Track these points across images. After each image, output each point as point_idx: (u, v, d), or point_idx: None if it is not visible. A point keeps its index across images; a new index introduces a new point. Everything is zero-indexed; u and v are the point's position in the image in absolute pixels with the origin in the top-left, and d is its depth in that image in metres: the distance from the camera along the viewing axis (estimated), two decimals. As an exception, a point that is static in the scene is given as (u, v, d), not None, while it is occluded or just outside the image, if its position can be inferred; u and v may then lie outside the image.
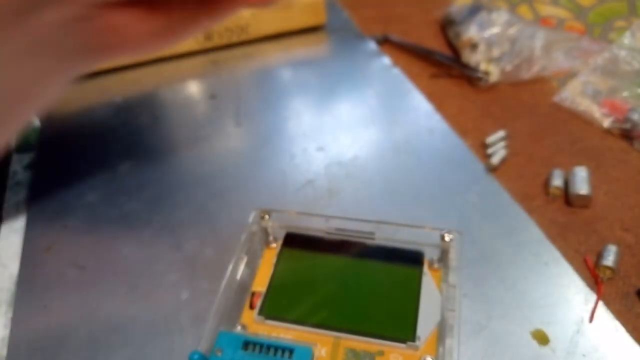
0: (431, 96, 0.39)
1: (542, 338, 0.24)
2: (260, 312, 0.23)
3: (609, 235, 0.28)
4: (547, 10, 0.48)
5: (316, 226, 0.26)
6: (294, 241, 0.26)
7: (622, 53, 0.40)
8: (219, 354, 0.21)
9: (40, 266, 0.29)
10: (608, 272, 0.26)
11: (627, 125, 0.34)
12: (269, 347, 0.21)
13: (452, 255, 0.24)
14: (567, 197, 0.30)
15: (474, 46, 0.41)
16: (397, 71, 0.42)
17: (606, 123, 0.35)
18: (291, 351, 0.21)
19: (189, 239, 0.29)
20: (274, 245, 0.26)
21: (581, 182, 0.30)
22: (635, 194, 0.30)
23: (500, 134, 0.34)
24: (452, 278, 0.23)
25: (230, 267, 0.24)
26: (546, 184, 0.31)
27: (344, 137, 0.36)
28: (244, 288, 0.24)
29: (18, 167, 0.35)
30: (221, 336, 0.21)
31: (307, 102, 0.40)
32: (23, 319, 0.26)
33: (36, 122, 0.38)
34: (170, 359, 0.24)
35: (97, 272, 0.28)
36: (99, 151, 0.36)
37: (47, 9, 0.18)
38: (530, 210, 0.29)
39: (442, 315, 0.23)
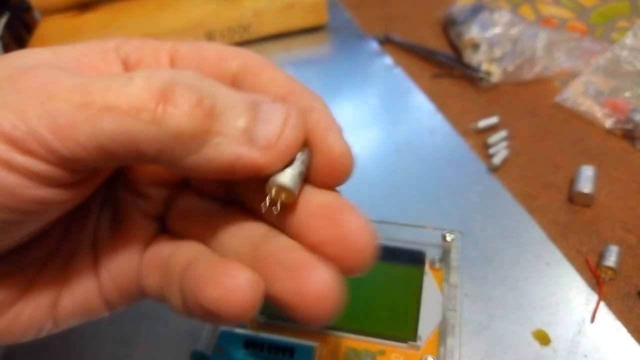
0: (433, 96, 0.39)
1: (543, 338, 0.24)
2: (262, 311, 0.23)
3: (611, 236, 0.28)
4: (549, 10, 0.48)
5: (318, 226, 0.26)
6: (296, 241, 0.26)
7: (624, 53, 0.40)
8: (221, 353, 0.21)
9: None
10: (609, 273, 0.26)
11: (629, 126, 0.34)
12: (270, 346, 0.21)
13: (454, 255, 0.24)
14: (570, 195, 0.30)
15: (475, 46, 0.41)
16: (398, 71, 0.42)
17: (608, 123, 0.35)
18: (292, 350, 0.21)
19: (190, 238, 0.29)
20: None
21: (586, 180, 0.30)
22: (637, 195, 0.30)
23: (502, 134, 0.34)
24: (454, 278, 0.23)
25: (232, 267, 0.24)
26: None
27: (346, 137, 0.36)
28: (245, 287, 0.24)
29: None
30: (223, 335, 0.21)
31: (308, 101, 0.40)
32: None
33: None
34: (172, 357, 0.24)
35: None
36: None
37: None
38: (531, 211, 0.29)
39: (443, 315, 0.23)
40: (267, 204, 0.14)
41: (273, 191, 0.14)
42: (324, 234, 0.14)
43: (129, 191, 0.17)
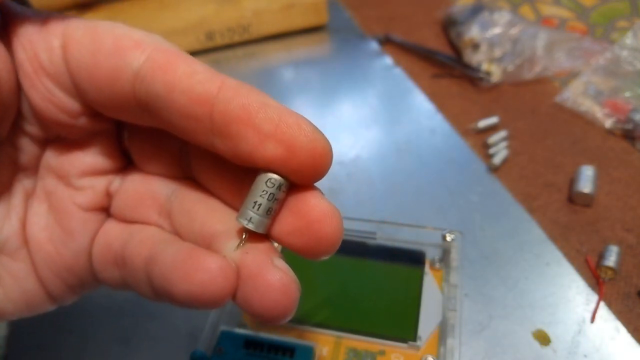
0: (433, 96, 0.39)
1: (543, 338, 0.24)
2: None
3: (611, 236, 0.28)
4: (549, 10, 0.48)
5: (318, 226, 0.26)
6: (296, 241, 0.26)
7: (624, 53, 0.40)
8: (221, 353, 0.21)
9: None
10: (609, 273, 0.26)
11: (629, 126, 0.34)
12: (270, 346, 0.21)
13: (454, 255, 0.24)
14: (570, 195, 0.30)
15: (475, 46, 0.41)
16: (398, 71, 0.42)
17: (608, 123, 0.35)
18: (292, 350, 0.21)
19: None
20: (275, 244, 0.26)
21: (586, 180, 0.30)
22: (637, 195, 0.30)
23: (502, 134, 0.34)
24: (454, 278, 0.23)
25: (232, 267, 0.24)
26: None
27: (346, 137, 0.36)
28: (245, 287, 0.24)
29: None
30: (223, 335, 0.21)
31: (308, 101, 0.40)
32: (24, 319, 0.26)
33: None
34: (172, 357, 0.24)
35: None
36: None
37: None
38: (531, 211, 0.29)
39: (443, 315, 0.23)
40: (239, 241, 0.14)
41: (244, 235, 0.14)
42: (288, 224, 0.13)
43: (63, 184, 0.15)
